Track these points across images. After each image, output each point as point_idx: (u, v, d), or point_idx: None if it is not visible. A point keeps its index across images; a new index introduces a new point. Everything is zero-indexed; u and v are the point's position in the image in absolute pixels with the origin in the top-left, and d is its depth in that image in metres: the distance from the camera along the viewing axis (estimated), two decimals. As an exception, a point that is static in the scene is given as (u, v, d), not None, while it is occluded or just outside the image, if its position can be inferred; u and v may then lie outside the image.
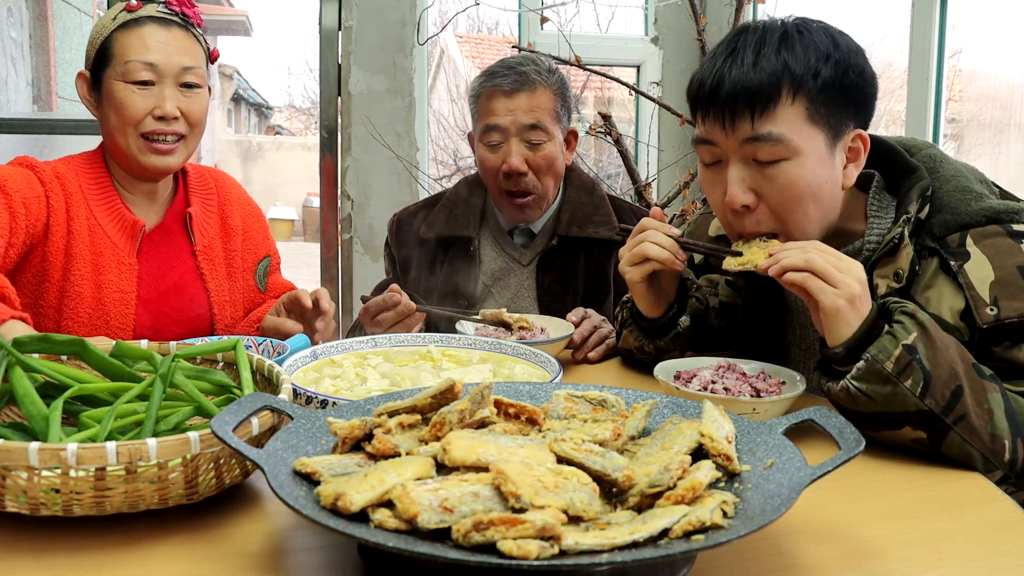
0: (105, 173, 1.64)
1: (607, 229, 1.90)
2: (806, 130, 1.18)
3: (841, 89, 1.18)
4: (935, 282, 1.19)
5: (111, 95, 1.57)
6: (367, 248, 3.28)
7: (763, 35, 1.20)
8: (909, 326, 1.05)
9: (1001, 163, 1.29)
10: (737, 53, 1.20)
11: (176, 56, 1.58)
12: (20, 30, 4.55)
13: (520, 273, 1.94)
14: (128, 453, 0.78)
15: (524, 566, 0.62)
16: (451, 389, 0.88)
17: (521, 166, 1.82)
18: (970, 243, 1.17)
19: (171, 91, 1.57)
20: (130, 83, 1.55)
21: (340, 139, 3.21)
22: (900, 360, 1.03)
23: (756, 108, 1.17)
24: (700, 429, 0.83)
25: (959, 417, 1.03)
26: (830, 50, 1.18)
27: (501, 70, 1.86)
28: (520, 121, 1.82)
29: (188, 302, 1.67)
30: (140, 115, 1.56)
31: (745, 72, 1.18)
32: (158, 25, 1.58)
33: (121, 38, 1.57)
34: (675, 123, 3.28)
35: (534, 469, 0.71)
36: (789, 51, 1.18)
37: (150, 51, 1.56)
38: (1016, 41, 2.63)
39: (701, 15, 3.19)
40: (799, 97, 1.17)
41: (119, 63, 1.56)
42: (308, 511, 0.67)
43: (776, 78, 1.17)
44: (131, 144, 1.58)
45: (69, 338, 1.02)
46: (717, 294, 1.52)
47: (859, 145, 1.23)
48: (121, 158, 1.61)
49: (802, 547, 0.82)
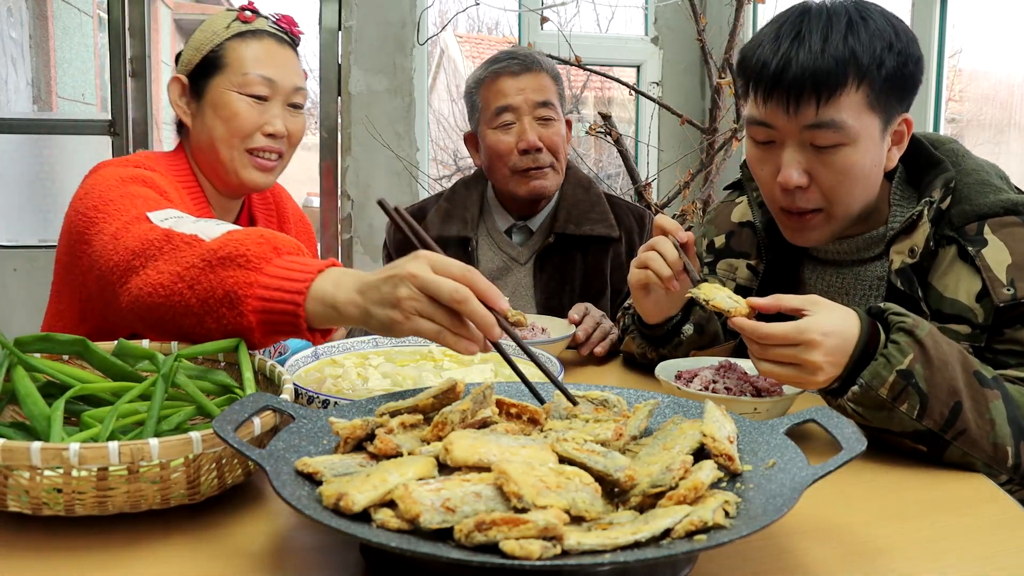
0: (196, 185, 1.58)
1: (604, 226, 1.91)
2: (865, 117, 1.20)
3: (901, 78, 1.20)
4: (953, 268, 1.22)
5: (222, 104, 1.53)
6: (367, 248, 3.29)
7: (829, 19, 1.20)
8: (905, 347, 1.02)
9: (1001, 163, 1.30)
10: (803, 37, 1.19)
11: (290, 75, 1.56)
12: (20, 30, 4.55)
13: (518, 271, 1.95)
14: (130, 453, 0.78)
15: (526, 566, 0.62)
16: (453, 389, 0.88)
17: (537, 141, 1.85)
18: (987, 231, 1.21)
19: (281, 109, 1.55)
20: (245, 95, 1.52)
21: (340, 139, 3.21)
22: (895, 386, 1.02)
23: (822, 95, 1.17)
24: (702, 429, 0.83)
25: (959, 432, 1.03)
26: (892, 39, 1.19)
27: (502, 56, 1.90)
28: (532, 99, 1.85)
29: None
30: (251, 129, 1.53)
31: (813, 58, 1.17)
32: (275, 41, 1.56)
33: (238, 48, 1.53)
34: (675, 123, 3.28)
35: (536, 469, 0.71)
36: (856, 38, 1.18)
37: (269, 66, 1.53)
38: (1016, 41, 2.63)
39: (701, 15, 3.19)
40: (863, 85, 1.18)
41: (235, 73, 1.52)
42: (310, 511, 0.67)
43: (844, 66, 1.17)
44: (235, 157, 1.54)
45: (71, 337, 1.02)
46: (735, 278, 1.52)
47: (903, 129, 1.26)
48: (219, 169, 1.56)
49: (804, 547, 0.82)
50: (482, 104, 1.91)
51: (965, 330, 1.19)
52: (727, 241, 1.55)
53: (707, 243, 1.58)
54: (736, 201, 1.57)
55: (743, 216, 1.53)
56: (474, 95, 1.93)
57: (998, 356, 1.18)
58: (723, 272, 1.54)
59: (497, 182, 1.94)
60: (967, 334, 1.19)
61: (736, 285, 1.51)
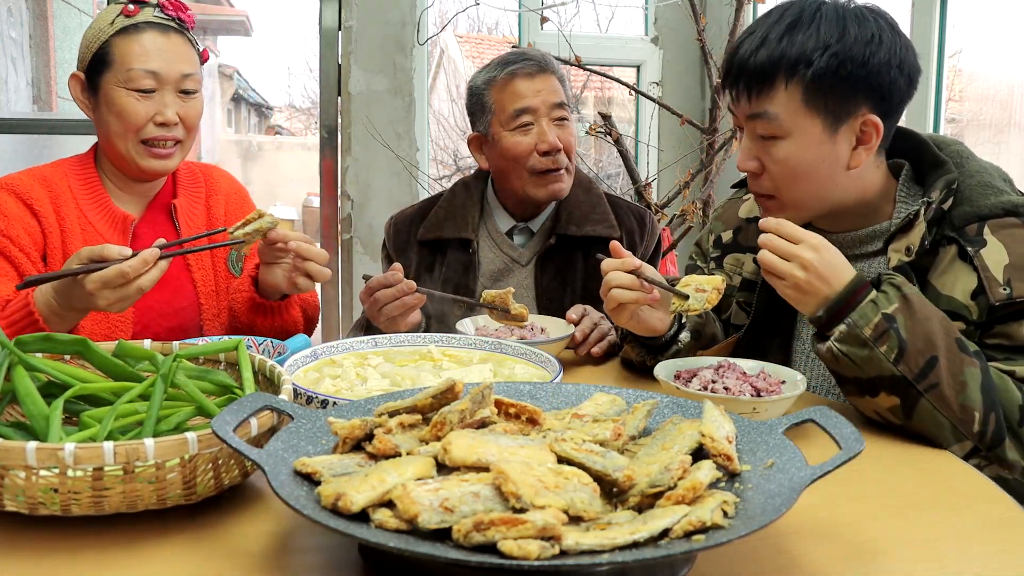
0: (95, 173, 1.67)
1: (605, 227, 1.90)
2: (801, 113, 1.26)
3: (837, 79, 1.24)
4: (952, 268, 1.25)
5: (111, 101, 1.58)
6: (367, 248, 3.28)
7: (780, 18, 1.28)
8: (892, 296, 1.14)
9: (1001, 163, 1.31)
10: (754, 33, 1.29)
11: (176, 63, 1.59)
12: (20, 30, 4.55)
13: (519, 273, 1.94)
14: (125, 453, 0.78)
15: (525, 566, 0.62)
16: (451, 389, 0.88)
17: (558, 142, 1.85)
18: (987, 232, 1.23)
19: (171, 98, 1.59)
20: (132, 90, 1.57)
21: (340, 139, 3.21)
22: (878, 327, 1.12)
23: (752, 88, 1.28)
24: (700, 429, 0.83)
25: (931, 385, 1.11)
26: (831, 41, 1.24)
27: (514, 57, 1.89)
28: (549, 100, 1.85)
29: (172, 294, 1.67)
30: (142, 122, 1.58)
31: (750, 54, 1.28)
32: (158, 32, 1.59)
33: (121, 44, 1.57)
34: (675, 123, 3.28)
35: (535, 469, 0.71)
36: (790, 38, 1.25)
37: (152, 59, 1.57)
38: (1016, 41, 2.63)
39: (701, 15, 3.19)
40: (793, 83, 1.25)
41: (120, 70, 1.57)
42: (309, 511, 0.67)
43: (773, 64, 1.26)
44: (130, 149, 1.60)
45: (72, 337, 1.02)
46: (741, 272, 1.53)
47: (870, 130, 1.28)
48: (118, 161, 1.64)
49: (802, 547, 0.82)
50: (496, 106, 1.88)
51: (959, 327, 1.20)
52: (734, 236, 1.57)
53: (714, 238, 1.60)
54: (744, 198, 1.60)
55: (750, 212, 1.56)
56: (484, 96, 1.90)
57: (986, 350, 1.20)
58: (730, 267, 1.56)
59: (511, 184, 1.91)
60: (961, 331, 1.20)
61: (742, 279, 1.53)
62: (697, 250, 1.64)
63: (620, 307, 1.33)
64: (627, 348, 1.49)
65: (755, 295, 1.49)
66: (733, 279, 1.53)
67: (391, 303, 1.55)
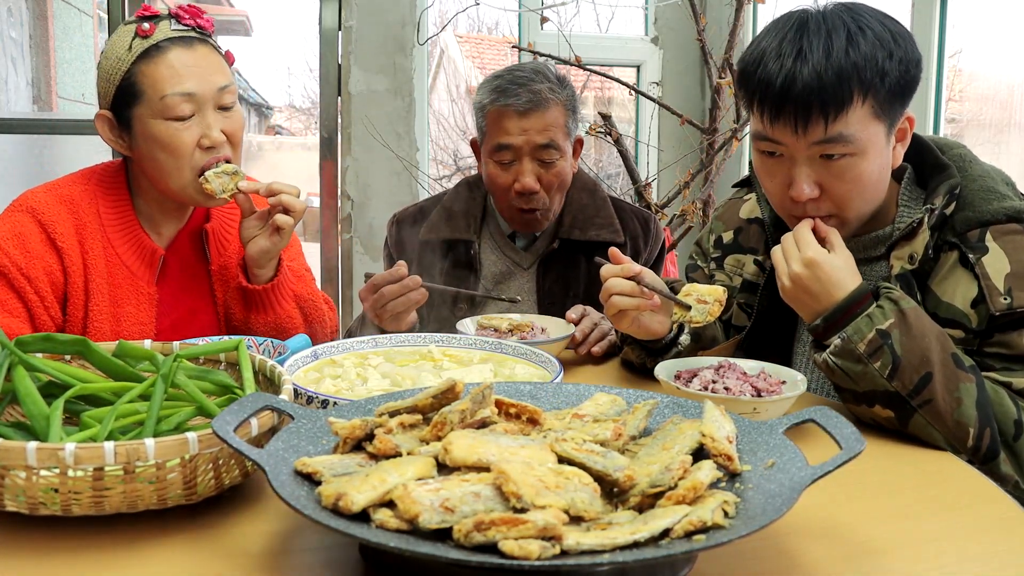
0: (126, 196, 1.54)
1: (609, 231, 1.88)
2: (872, 126, 1.20)
3: (903, 84, 1.21)
4: (952, 274, 1.23)
5: (152, 136, 1.44)
6: (367, 248, 3.28)
7: (828, 33, 1.18)
8: (888, 312, 1.13)
9: (1001, 163, 1.31)
10: (805, 54, 1.18)
11: (210, 77, 1.45)
12: (20, 30, 4.55)
13: (521, 276, 1.93)
14: (126, 453, 0.78)
15: (525, 566, 0.62)
16: (452, 389, 0.88)
17: (534, 185, 1.79)
18: (989, 239, 1.22)
19: (213, 116, 1.46)
20: (171, 120, 1.43)
21: (340, 139, 3.21)
22: (872, 343, 1.12)
23: (829, 112, 1.17)
24: (701, 429, 0.83)
25: (925, 401, 1.11)
26: (892, 46, 1.19)
27: (512, 88, 1.78)
28: (534, 141, 1.77)
29: (199, 330, 1.57)
30: (189, 151, 1.44)
31: (818, 75, 1.16)
32: (182, 48, 1.45)
33: (147, 71, 1.43)
34: (675, 123, 3.28)
35: (535, 469, 0.71)
36: (856, 51, 1.17)
37: (184, 80, 1.43)
38: (1016, 41, 2.63)
39: (701, 15, 3.19)
40: (868, 97, 1.18)
41: (153, 100, 1.42)
42: (309, 511, 0.67)
43: (848, 82, 1.17)
44: (187, 185, 1.47)
45: (72, 337, 1.02)
46: (742, 274, 1.53)
47: (906, 126, 1.27)
48: (171, 196, 1.51)
49: (803, 547, 0.82)
50: (486, 130, 1.85)
51: (958, 334, 1.20)
52: (735, 237, 1.56)
53: (715, 239, 1.58)
54: (745, 198, 1.58)
55: (751, 212, 1.54)
56: (480, 114, 1.86)
57: (985, 359, 1.19)
58: (730, 268, 1.55)
59: (496, 203, 1.92)
60: (960, 339, 1.20)
61: (743, 280, 1.52)
62: (697, 250, 1.63)
63: (621, 314, 1.33)
64: (627, 350, 1.49)
65: (756, 297, 1.49)
66: (733, 280, 1.52)
67: (396, 299, 1.54)
